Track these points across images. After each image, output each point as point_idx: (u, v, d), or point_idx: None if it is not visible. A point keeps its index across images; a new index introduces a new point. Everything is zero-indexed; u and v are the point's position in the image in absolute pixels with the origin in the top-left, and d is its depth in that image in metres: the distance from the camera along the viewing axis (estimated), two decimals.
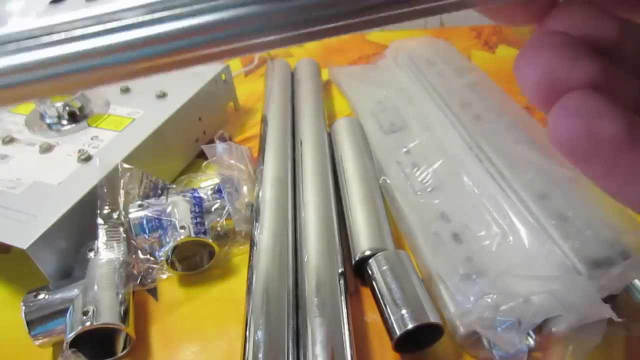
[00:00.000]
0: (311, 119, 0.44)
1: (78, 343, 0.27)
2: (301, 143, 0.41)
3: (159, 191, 0.36)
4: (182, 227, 0.32)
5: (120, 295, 0.29)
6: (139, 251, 0.33)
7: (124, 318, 0.28)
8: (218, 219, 0.35)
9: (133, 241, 0.33)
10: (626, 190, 0.10)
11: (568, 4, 0.11)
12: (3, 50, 0.12)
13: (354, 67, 0.59)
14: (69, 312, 0.28)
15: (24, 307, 0.28)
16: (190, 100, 0.42)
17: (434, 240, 0.33)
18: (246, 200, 0.36)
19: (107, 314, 0.28)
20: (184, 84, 0.44)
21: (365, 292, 0.31)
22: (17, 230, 0.30)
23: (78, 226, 0.32)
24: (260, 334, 0.26)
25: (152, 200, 0.34)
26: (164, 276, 0.33)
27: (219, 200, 0.35)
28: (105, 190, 0.34)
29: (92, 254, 0.31)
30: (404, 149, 0.41)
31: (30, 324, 0.28)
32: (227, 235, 0.35)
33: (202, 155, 0.43)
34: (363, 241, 0.32)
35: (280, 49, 0.66)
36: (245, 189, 0.37)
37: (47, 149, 0.37)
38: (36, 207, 0.32)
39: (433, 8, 0.11)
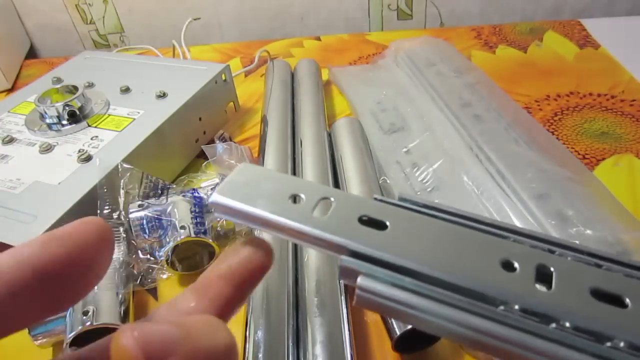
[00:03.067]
0: (311, 119, 0.44)
1: (78, 343, 0.27)
2: (301, 143, 0.41)
3: (159, 191, 0.36)
4: (182, 227, 0.32)
5: (120, 295, 0.29)
6: (139, 251, 0.33)
7: (124, 318, 0.28)
8: (218, 219, 0.35)
9: (133, 241, 0.33)
10: None
11: None
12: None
13: (354, 67, 0.59)
14: (68, 312, 0.28)
15: None
16: (190, 100, 0.42)
17: None
18: None
19: (107, 314, 0.28)
20: (184, 84, 0.44)
21: None
22: (17, 230, 0.30)
23: None
24: (260, 334, 0.26)
25: (152, 200, 0.34)
26: (164, 276, 0.33)
27: None
28: (105, 190, 0.34)
29: None
30: (404, 149, 0.41)
31: None
32: (227, 235, 0.35)
33: (202, 155, 0.43)
34: None
35: (279, 48, 0.66)
36: None
37: (47, 149, 0.37)
38: (36, 207, 0.32)
39: None
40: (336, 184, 0.38)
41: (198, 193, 0.35)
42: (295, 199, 0.16)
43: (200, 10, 0.74)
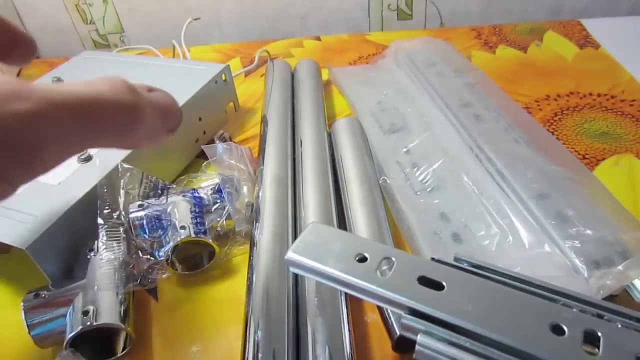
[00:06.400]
0: (311, 119, 0.44)
1: (78, 343, 0.27)
2: (301, 143, 0.41)
3: (159, 191, 0.36)
4: (182, 227, 0.32)
5: (120, 295, 0.29)
6: (139, 251, 0.33)
7: (124, 318, 0.28)
8: (218, 219, 0.35)
9: (133, 241, 0.33)
10: None
11: None
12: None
13: (354, 67, 0.59)
14: (69, 312, 0.28)
15: (23, 307, 0.28)
16: (190, 100, 0.42)
17: (434, 240, 0.33)
18: (246, 200, 0.36)
19: (107, 314, 0.28)
20: (184, 84, 0.44)
21: None
22: (17, 230, 0.30)
23: (78, 226, 0.32)
24: (260, 334, 0.26)
25: (152, 200, 0.34)
26: (164, 276, 0.33)
27: (219, 200, 0.35)
28: (105, 190, 0.34)
29: (92, 254, 0.31)
30: (404, 149, 0.41)
31: (30, 324, 0.28)
32: (227, 235, 0.35)
33: (202, 155, 0.43)
34: None
35: (279, 48, 0.67)
36: (245, 189, 0.37)
37: None
38: (36, 207, 0.32)
39: None
40: (336, 184, 0.38)
41: (198, 193, 0.35)
42: (360, 258, 0.18)
43: (200, 10, 0.74)
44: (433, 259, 0.18)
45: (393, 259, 0.18)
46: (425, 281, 0.17)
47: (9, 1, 0.72)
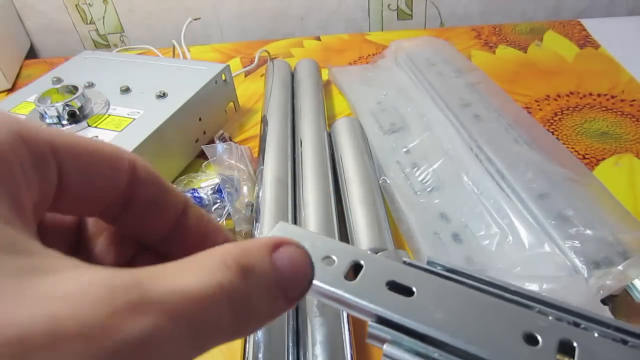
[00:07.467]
0: (311, 119, 0.44)
1: None
2: (301, 143, 0.41)
3: None
4: None
5: None
6: None
7: None
8: (218, 219, 0.35)
9: None
10: None
11: None
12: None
13: (354, 67, 0.59)
14: None
15: None
16: (190, 100, 0.42)
17: (434, 240, 0.33)
18: (246, 200, 0.36)
19: None
20: (184, 84, 0.44)
21: None
22: None
23: None
24: (260, 334, 0.26)
25: None
26: None
27: (219, 200, 0.35)
28: None
29: None
30: (404, 149, 0.41)
31: None
32: None
33: (202, 155, 0.43)
34: (363, 241, 0.32)
35: (279, 48, 0.66)
36: (245, 189, 0.37)
37: None
38: None
39: None
40: (336, 184, 0.38)
41: (198, 193, 0.35)
42: (328, 260, 0.17)
43: (200, 10, 0.74)
44: (405, 262, 0.17)
45: (362, 262, 0.17)
46: (394, 286, 0.16)
47: (8, 1, 0.72)
